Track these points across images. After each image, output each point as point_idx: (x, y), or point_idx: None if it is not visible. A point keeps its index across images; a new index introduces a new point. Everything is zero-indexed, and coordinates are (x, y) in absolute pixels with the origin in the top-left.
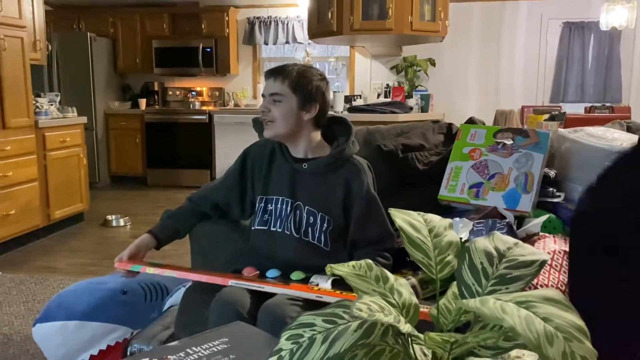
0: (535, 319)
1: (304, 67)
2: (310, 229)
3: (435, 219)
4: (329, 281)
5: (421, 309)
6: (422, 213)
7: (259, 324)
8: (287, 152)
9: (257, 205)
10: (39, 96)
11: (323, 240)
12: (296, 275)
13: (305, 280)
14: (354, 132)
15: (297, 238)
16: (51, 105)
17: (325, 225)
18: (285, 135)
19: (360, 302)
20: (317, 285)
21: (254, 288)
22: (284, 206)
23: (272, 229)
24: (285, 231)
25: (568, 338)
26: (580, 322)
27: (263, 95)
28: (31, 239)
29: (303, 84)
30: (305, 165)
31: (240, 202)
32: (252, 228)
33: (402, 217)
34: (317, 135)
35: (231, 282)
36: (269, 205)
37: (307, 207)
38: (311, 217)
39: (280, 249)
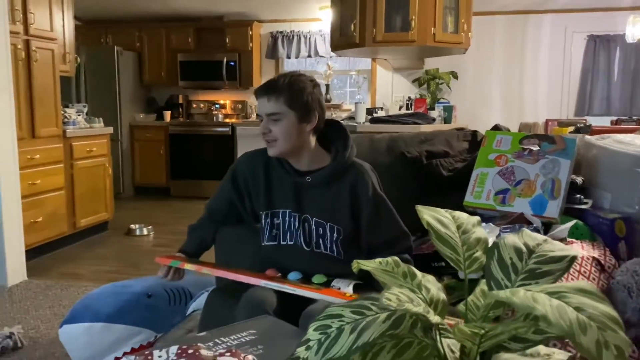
0: (567, 308)
1: (293, 77)
2: (321, 240)
3: (462, 216)
4: (351, 285)
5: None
6: (449, 210)
7: (300, 328)
8: (289, 166)
9: (262, 221)
10: (67, 107)
11: (335, 250)
12: (317, 278)
13: (327, 284)
14: (350, 135)
15: (308, 251)
16: (79, 115)
17: (335, 235)
18: (290, 151)
19: (389, 293)
20: (339, 289)
21: (286, 290)
22: (292, 219)
23: (282, 242)
24: (297, 244)
25: (602, 327)
26: (614, 313)
27: (259, 115)
28: (57, 246)
29: (298, 97)
30: (308, 179)
31: (244, 211)
32: (263, 244)
33: (430, 214)
34: (316, 142)
35: (263, 282)
36: (276, 219)
37: (315, 218)
38: (320, 229)
39: (294, 261)
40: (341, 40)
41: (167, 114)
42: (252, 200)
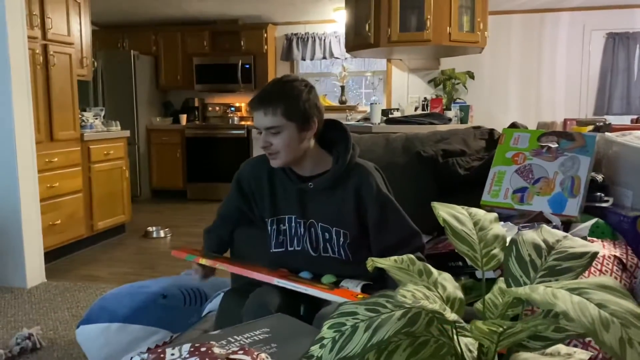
0: (589, 305)
1: (286, 84)
2: (328, 244)
3: (479, 212)
4: (359, 286)
5: None
6: (466, 207)
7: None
8: (292, 172)
9: (269, 228)
10: (85, 110)
11: (343, 253)
12: (327, 278)
13: (336, 284)
14: (351, 135)
15: (316, 256)
16: (96, 119)
17: (342, 239)
18: (293, 160)
19: (405, 289)
20: (348, 289)
21: (298, 290)
22: (297, 225)
23: (289, 248)
24: (304, 249)
25: (625, 324)
26: (638, 310)
27: (256, 128)
28: (75, 248)
29: (295, 107)
30: (311, 185)
31: (253, 216)
32: (270, 251)
33: (446, 210)
34: (316, 145)
35: (276, 280)
36: (282, 225)
37: (320, 224)
38: (326, 234)
39: (303, 266)
40: (356, 41)
41: (183, 118)
42: (257, 204)
